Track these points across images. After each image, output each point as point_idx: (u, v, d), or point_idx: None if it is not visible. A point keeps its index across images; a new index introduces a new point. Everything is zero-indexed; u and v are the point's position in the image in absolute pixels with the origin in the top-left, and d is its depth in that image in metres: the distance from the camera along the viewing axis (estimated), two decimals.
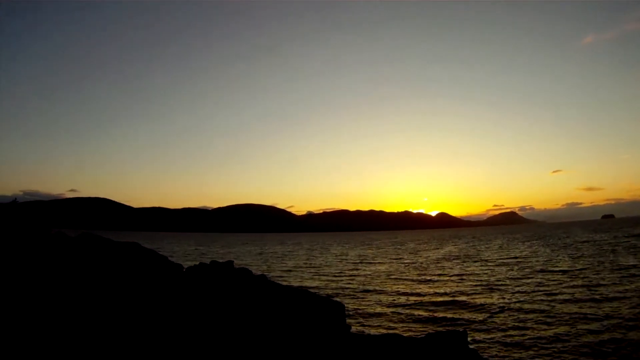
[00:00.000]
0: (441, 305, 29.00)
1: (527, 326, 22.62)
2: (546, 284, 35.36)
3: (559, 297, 29.51)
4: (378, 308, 28.85)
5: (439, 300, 30.86)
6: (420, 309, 28.22)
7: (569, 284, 34.22)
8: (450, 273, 47.09)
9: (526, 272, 44.08)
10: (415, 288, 37.20)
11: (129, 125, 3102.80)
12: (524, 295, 30.73)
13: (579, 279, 36.46)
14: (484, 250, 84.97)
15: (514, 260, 57.68)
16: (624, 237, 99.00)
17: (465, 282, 39.03)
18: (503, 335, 21.37)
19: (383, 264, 63.16)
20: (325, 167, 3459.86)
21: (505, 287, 34.96)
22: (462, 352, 11.68)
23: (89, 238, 19.32)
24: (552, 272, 42.67)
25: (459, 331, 12.55)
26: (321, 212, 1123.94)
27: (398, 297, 32.84)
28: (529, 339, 20.35)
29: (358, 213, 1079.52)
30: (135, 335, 10.83)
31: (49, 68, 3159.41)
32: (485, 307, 27.76)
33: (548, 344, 19.61)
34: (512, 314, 25.42)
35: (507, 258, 62.27)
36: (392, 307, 28.99)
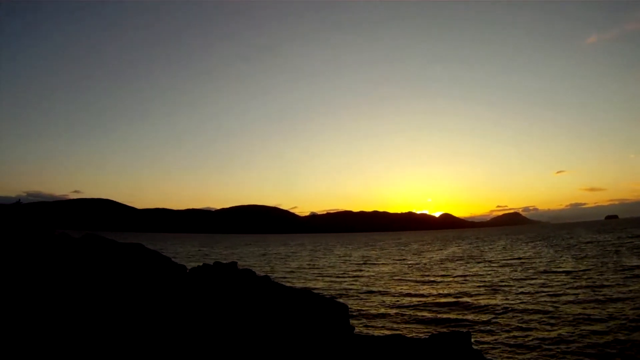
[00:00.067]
0: (445, 306, 28.97)
1: (531, 327, 22.58)
2: (550, 284, 35.28)
3: (562, 298, 29.45)
4: (382, 309, 28.83)
5: (442, 301, 30.82)
6: (423, 310, 28.20)
7: (572, 285, 34.14)
8: (454, 274, 47.01)
9: (530, 273, 43.98)
10: (419, 289, 37.16)
11: (132, 126, 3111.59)
12: (528, 296, 30.67)
13: (583, 280, 36.37)
14: (488, 251, 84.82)
15: (517, 261, 57.55)
16: (627, 237, 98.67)
17: (469, 283, 38.97)
18: (507, 336, 21.34)
19: (386, 264, 63.11)
20: (329, 168, 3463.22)
21: (509, 288, 34.89)
22: (466, 353, 11.67)
23: (93, 239, 19.40)
24: (555, 273, 42.56)
25: (462, 332, 12.54)
26: (325, 213, 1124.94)
27: (402, 298, 32.80)
28: (533, 340, 20.32)
29: (361, 214, 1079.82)
30: (139, 336, 10.85)
31: (52, 68, 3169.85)
32: (489, 308, 27.71)
33: (552, 345, 19.57)
34: (516, 315, 25.37)
35: (510, 259, 62.14)
36: (395, 308, 28.97)
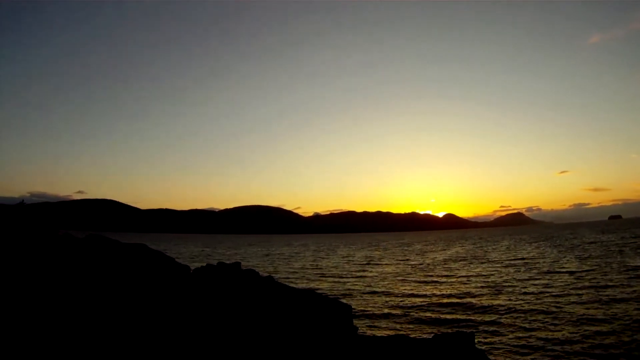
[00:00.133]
0: (448, 307, 28.94)
1: (535, 327, 22.54)
2: (553, 285, 35.20)
3: (566, 298, 29.37)
4: (385, 309, 28.80)
5: (445, 301, 30.79)
6: (427, 311, 28.17)
7: (576, 286, 34.05)
8: (458, 274, 46.96)
9: (533, 273, 43.89)
10: (422, 289, 37.12)
11: (135, 127, 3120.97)
12: (532, 297, 30.61)
13: (587, 281, 36.27)
14: (491, 251, 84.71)
15: (521, 262, 57.45)
16: (631, 237, 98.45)
17: (473, 284, 38.91)
18: (510, 336, 21.31)
19: (390, 265, 63.06)
20: (332, 169, 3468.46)
21: (512, 288, 34.82)
22: (469, 353, 11.66)
23: (96, 239, 19.42)
24: (559, 273, 42.47)
25: (466, 332, 12.53)
26: (328, 213, 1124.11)
27: (405, 298, 32.77)
28: (537, 341, 20.29)
29: (365, 214, 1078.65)
30: (143, 336, 10.87)
31: (56, 70, 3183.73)
32: (493, 308, 27.67)
33: (555, 345, 19.52)
34: (520, 315, 25.33)
35: (514, 259, 62.04)
36: (399, 309, 28.95)
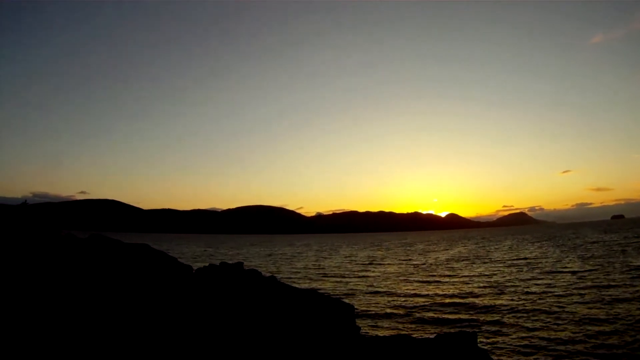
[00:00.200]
0: (450, 307, 28.92)
1: (537, 327, 22.52)
2: (556, 285, 35.14)
3: (568, 298, 29.33)
4: (388, 309, 28.80)
5: (448, 301, 30.77)
6: (429, 310, 28.16)
7: (579, 285, 33.99)
8: (460, 274, 46.92)
9: (536, 273, 43.84)
10: (425, 289, 37.10)
11: (137, 127, 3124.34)
12: (534, 297, 30.57)
13: (589, 280, 36.21)
14: (494, 251, 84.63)
15: (523, 261, 57.39)
16: (634, 237, 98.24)
17: (475, 283, 38.88)
18: (513, 336, 21.28)
19: (392, 265, 63.03)
20: (335, 169, 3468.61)
21: (515, 288, 34.79)
22: (471, 353, 11.65)
23: (99, 239, 19.48)
24: (562, 273, 42.41)
25: (468, 332, 12.52)
26: (330, 213, 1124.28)
27: (407, 298, 32.75)
28: (539, 340, 20.26)
29: (367, 214, 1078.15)
30: (146, 336, 10.89)
31: (56, 70, 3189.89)
32: (495, 308, 27.66)
33: (558, 345, 19.50)
34: (522, 315, 25.30)
35: (516, 259, 61.98)
36: (401, 309, 28.93)
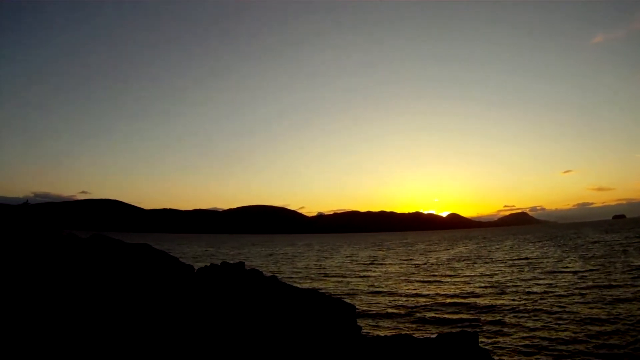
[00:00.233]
0: (451, 307, 28.92)
1: (538, 327, 22.50)
2: (557, 285, 35.12)
3: (570, 298, 29.31)
4: (389, 309, 28.80)
5: (449, 301, 30.76)
6: (430, 310, 28.15)
7: (580, 285, 33.96)
8: (461, 274, 46.91)
9: (537, 273, 43.82)
10: (426, 289, 37.09)
11: (138, 127, 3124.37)
12: (535, 297, 30.56)
13: (590, 280, 36.18)
14: (495, 251, 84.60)
15: (524, 261, 57.37)
16: (635, 237, 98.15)
17: (476, 283, 38.87)
18: (514, 336, 21.27)
19: (393, 265, 63.04)
20: (336, 169, 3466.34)
21: (516, 288, 34.77)
22: (473, 353, 11.65)
23: (100, 239, 19.51)
24: (563, 273, 42.38)
25: (469, 332, 12.52)
26: (332, 213, 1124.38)
27: (408, 298, 32.75)
28: (540, 340, 20.25)
29: (369, 214, 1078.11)
30: (148, 335, 10.90)
31: (57, 70, 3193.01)
32: (496, 308, 27.64)
33: (559, 345, 19.48)
34: (523, 315, 25.29)
35: (518, 259, 61.96)
36: (402, 309, 28.93)
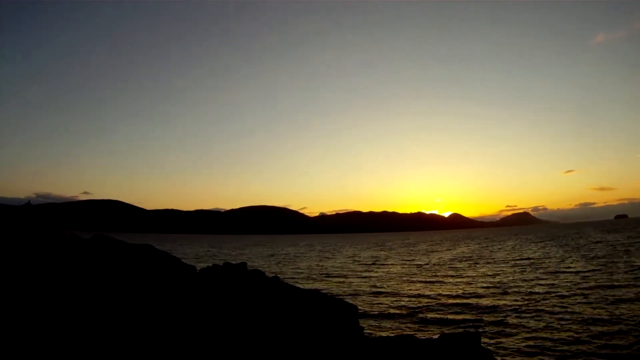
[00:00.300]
0: (454, 307, 28.89)
1: (540, 327, 22.48)
2: (559, 285, 35.07)
3: (572, 298, 29.27)
4: (391, 310, 28.79)
5: (451, 301, 30.73)
6: (433, 311, 28.13)
7: (582, 286, 33.91)
8: (463, 274, 46.85)
9: (539, 273, 43.76)
10: (428, 289, 37.05)
11: (140, 128, 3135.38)
12: (537, 297, 30.52)
13: (593, 280, 36.13)
14: (497, 251, 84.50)
15: (527, 262, 57.30)
16: (637, 237, 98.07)
17: (478, 284, 38.83)
18: (516, 336, 21.25)
19: (396, 265, 63.00)
20: (339, 169, 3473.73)
21: (518, 288, 34.72)
22: (475, 353, 11.65)
23: (102, 240, 19.52)
24: (565, 273, 42.32)
25: (472, 332, 12.52)
26: (334, 213, 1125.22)
27: (411, 298, 32.73)
28: (542, 341, 20.23)
29: (371, 214, 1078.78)
30: (150, 336, 10.91)
31: (59, 70, 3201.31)
32: (498, 308, 27.61)
33: (561, 345, 19.46)
34: (525, 316, 25.25)
35: (520, 259, 61.87)
36: (404, 309, 28.91)
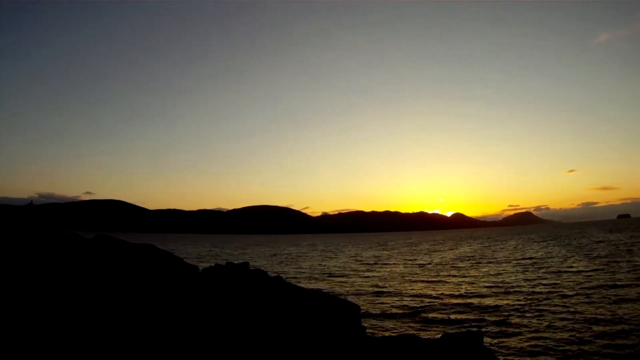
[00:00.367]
0: (456, 307, 28.88)
1: (542, 327, 22.45)
2: (562, 285, 35.03)
3: (574, 298, 29.23)
4: (393, 309, 28.79)
5: (453, 301, 30.72)
6: (435, 310, 28.12)
7: (584, 285, 33.86)
8: (465, 274, 46.83)
9: (541, 273, 43.71)
10: (430, 289, 37.04)
11: (143, 128, 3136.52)
12: (540, 296, 30.48)
13: (595, 280, 36.07)
14: (499, 251, 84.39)
15: (529, 261, 57.23)
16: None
17: (480, 283, 38.80)
18: (518, 336, 21.23)
19: (398, 265, 62.99)
20: (341, 168, 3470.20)
21: (520, 288, 34.69)
22: (477, 353, 11.65)
23: (105, 240, 19.53)
24: (567, 273, 42.26)
25: (474, 332, 12.52)
26: (336, 213, 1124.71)
27: (413, 298, 32.73)
28: (545, 340, 20.20)
29: (373, 214, 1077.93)
30: (153, 335, 10.93)
31: (61, 70, 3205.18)
32: (501, 308, 27.58)
33: (563, 345, 19.44)
34: (528, 315, 25.23)
35: (522, 259, 61.80)
36: (407, 309, 28.91)
